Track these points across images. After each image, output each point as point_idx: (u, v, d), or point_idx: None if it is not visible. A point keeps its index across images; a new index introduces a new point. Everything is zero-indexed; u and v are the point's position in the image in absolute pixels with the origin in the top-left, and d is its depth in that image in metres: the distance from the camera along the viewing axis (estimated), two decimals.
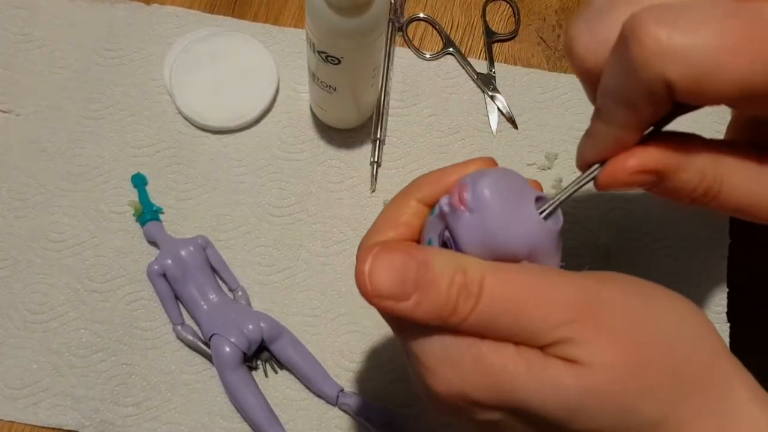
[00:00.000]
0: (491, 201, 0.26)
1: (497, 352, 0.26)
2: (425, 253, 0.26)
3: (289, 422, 0.45)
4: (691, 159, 0.28)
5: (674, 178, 0.28)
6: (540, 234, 0.27)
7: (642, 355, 0.25)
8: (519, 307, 0.25)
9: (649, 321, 0.26)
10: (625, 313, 0.26)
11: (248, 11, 0.55)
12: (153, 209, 0.49)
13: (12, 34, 0.53)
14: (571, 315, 0.25)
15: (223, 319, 0.45)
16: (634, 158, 0.28)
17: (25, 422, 0.45)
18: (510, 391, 0.25)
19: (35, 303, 0.47)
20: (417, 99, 0.53)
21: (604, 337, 0.25)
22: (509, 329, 0.25)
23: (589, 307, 0.26)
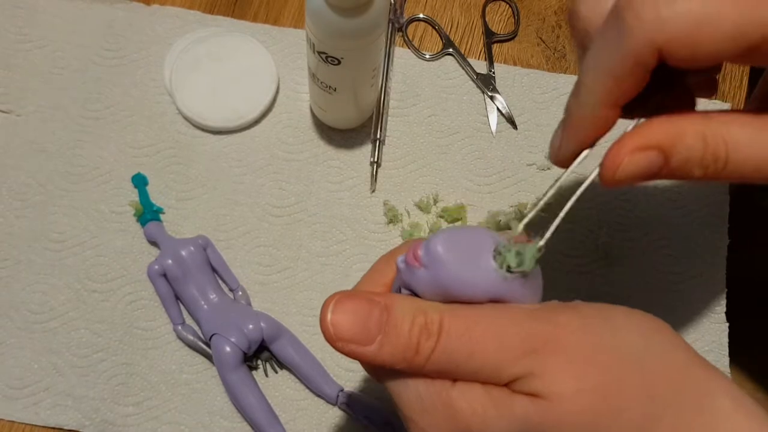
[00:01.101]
0: (443, 256, 0.26)
1: (465, 396, 0.26)
2: (386, 298, 0.27)
3: (290, 422, 0.45)
4: (688, 126, 0.27)
5: (677, 151, 0.27)
6: (499, 284, 0.27)
7: (608, 378, 0.25)
8: (477, 343, 0.25)
9: (611, 342, 0.26)
10: (584, 339, 0.26)
11: (248, 12, 0.55)
12: (153, 209, 0.49)
13: (12, 34, 0.53)
14: (529, 347, 0.25)
15: (224, 318, 0.45)
16: (632, 138, 0.28)
17: (26, 422, 0.45)
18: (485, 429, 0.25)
19: (36, 303, 0.47)
20: (417, 99, 0.54)
21: (565, 366, 0.25)
22: (472, 367, 0.25)
23: (547, 336, 0.25)
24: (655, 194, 0.52)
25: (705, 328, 0.49)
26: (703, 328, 0.49)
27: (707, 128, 0.27)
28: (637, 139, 0.28)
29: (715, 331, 0.49)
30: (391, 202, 0.50)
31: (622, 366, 0.25)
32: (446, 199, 0.51)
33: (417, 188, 0.51)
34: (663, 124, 0.28)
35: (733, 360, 0.48)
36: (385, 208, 0.50)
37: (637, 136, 0.28)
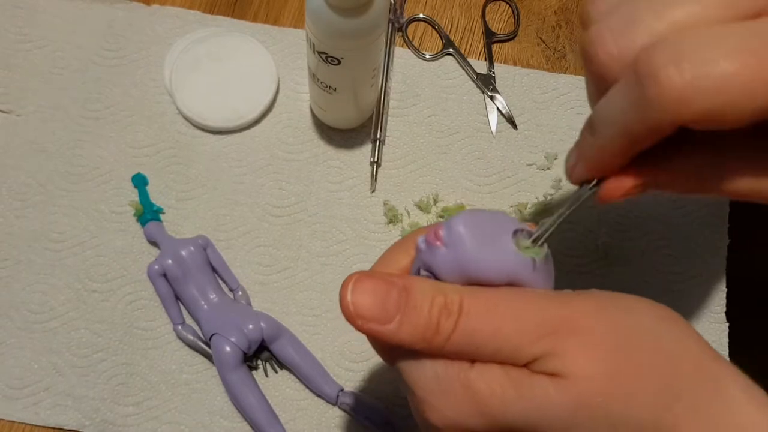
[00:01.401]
0: (464, 235, 0.27)
1: (484, 377, 0.26)
2: (405, 279, 0.27)
3: (290, 422, 0.45)
4: (687, 160, 0.27)
5: (670, 187, 0.28)
6: (518, 265, 0.27)
7: (624, 361, 0.25)
8: (498, 323, 0.26)
9: (628, 327, 0.26)
10: (602, 322, 0.26)
11: (248, 12, 0.55)
12: (153, 209, 0.49)
13: (12, 34, 0.53)
14: (549, 328, 0.25)
15: (224, 318, 0.45)
16: (629, 179, 0.28)
17: (26, 422, 0.45)
18: (502, 415, 0.25)
19: (36, 303, 0.47)
20: (417, 99, 0.54)
21: (583, 347, 0.25)
22: (492, 347, 0.26)
23: (565, 319, 0.26)
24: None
25: (705, 328, 0.49)
26: (703, 328, 0.49)
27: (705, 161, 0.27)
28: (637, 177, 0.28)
29: (715, 331, 0.49)
30: (391, 202, 0.50)
31: (639, 351, 0.26)
32: (446, 199, 0.51)
33: (417, 188, 0.51)
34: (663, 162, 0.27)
35: (733, 360, 0.48)
36: (385, 208, 0.50)
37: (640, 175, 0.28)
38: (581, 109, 0.53)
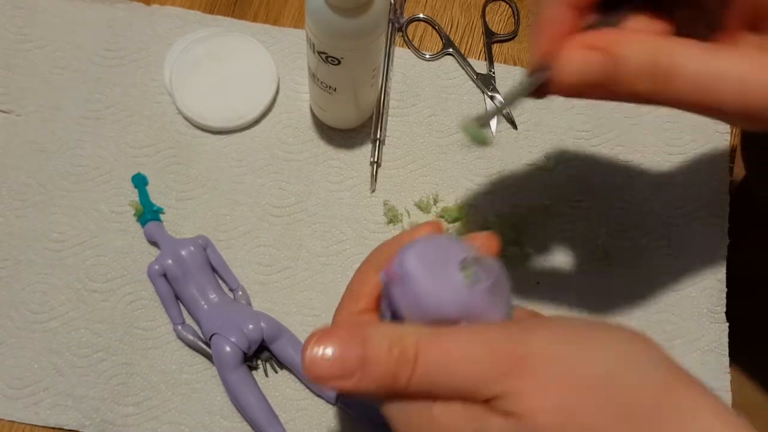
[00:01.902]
0: (414, 272, 0.28)
1: (445, 412, 0.27)
2: (365, 330, 0.28)
3: (290, 422, 0.45)
4: (639, 38, 0.29)
5: (625, 56, 0.29)
6: (469, 296, 0.28)
7: (580, 398, 0.25)
8: (453, 366, 0.26)
9: (586, 362, 0.26)
10: (558, 358, 0.26)
11: (248, 12, 0.55)
12: (153, 209, 0.49)
13: (12, 34, 0.53)
14: (504, 368, 0.26)
15: (224, 318, 0.45)
16: (582, 37, 0.29)
17: (26, 422, 0.45)
18: None
19: (36, 303, 0.47)
20: (417, 99, 0.54)
21: (538, 386, 0.25)
22: (450, 388, 0.26)
23: (520, 358, 0.26)
24: (655, 194, 0.52)
25: (705, 328, 0.49)
26: (703, 328, 0.49)
27: (660, 46, 0.28)
28: (589, 38, 0.29)
29: (715, 331, 0.49)
30: (391, 202, 0.50)
31: (596, 387, 0.25)
32: (446, 199, 0.51)
33: (417, 188, 0.51)
34: (615, 33, 0.29)
35: (733, 360, 0.48)
36: (385, 208, 0.50)
37: (586, 37, 0.29)
38: (581, 109, 0.54)
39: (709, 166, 0.52)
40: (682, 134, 0.53)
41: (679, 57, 0.28)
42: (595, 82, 0.29)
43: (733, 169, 0.53)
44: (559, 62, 0.30)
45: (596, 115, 0.53)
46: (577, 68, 0.29)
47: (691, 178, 0.52)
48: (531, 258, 0.50)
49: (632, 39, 0.29)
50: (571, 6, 0.30)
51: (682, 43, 0.29)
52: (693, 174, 0.52)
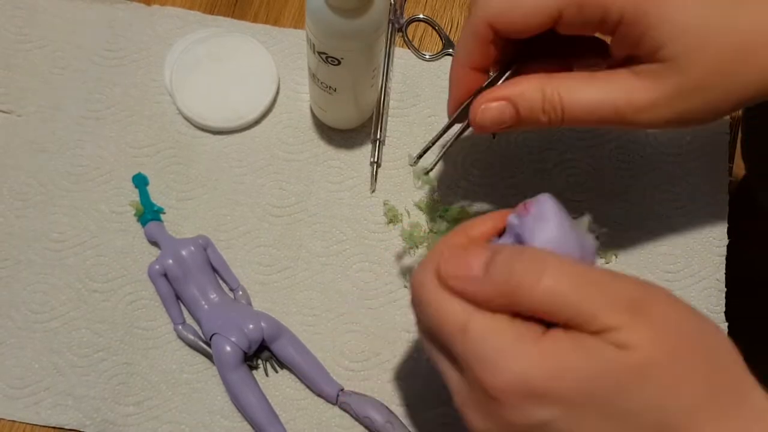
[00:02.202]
0: (552, 210, 0.31)
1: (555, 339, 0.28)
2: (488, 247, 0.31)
3: (290, 421, 0.45)
4: (530, 82, 0.36)
5: (521, 101, 0.36)
6: (587, 244, 0.32)
7: (684, 348, 0.28)
8: (584, 291, 0.28)
9: (690, 321, 0.29)
10: (673, 312, 0.29)
11: (248, 12, 0.55)
12: (154, 209, 0.49)
13: (12, 34, 0.53)
14: (626, 304, 0.28)
15: (224, 318, 0.45)
16: (487, 93, 0.37)
17: (27, 421, 0.45)
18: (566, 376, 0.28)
19: (36, 303, 0.47)
20: (417, 99, 0.54)
21: (652, 327, 0.28)
22: (572, 311, 0.28)
23: (643, 300, 0.28)
24: (655, 194, 0.52)
25: None
26: None
27: (546, 83, 0.36)
28: (490, 93, 0.37)
29: None
30: (391, 202, 0.50)
31: (696, 344, 0.29)
32: (446, 199, 0.51)
33: (417, 188, 0.51)
34: (512, 83, 0.37)
35: None
36: (385, 208, 0.50)
37: (490, 92, 0.37)
38: None
39: (709, 166, 0.52)
40: (681, 134, 0.53)
41: (562, 88, 0.36)
42: (506, 123, 0.37)
43: (733, 169, 0.53)
44: (473, 115, 0.38)
45: None
46: (489, 117, 0.37)
47: (691, 178, 0.52)
48: None
49: (523, 80, 0.37)
50: (472, 69, 0.38)
51: (565, 76, 0.36)
52: (693, 174, 0.52)
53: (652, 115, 0.35)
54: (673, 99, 0.35)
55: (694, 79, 0.34)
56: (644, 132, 0.53)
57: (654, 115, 0.35)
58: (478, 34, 0.37)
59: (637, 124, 0.36)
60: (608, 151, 0.53)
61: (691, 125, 0.37)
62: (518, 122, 0.37)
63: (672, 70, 0.34)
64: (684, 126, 0.37)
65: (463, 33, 0.38)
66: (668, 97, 0.35)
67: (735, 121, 0.54)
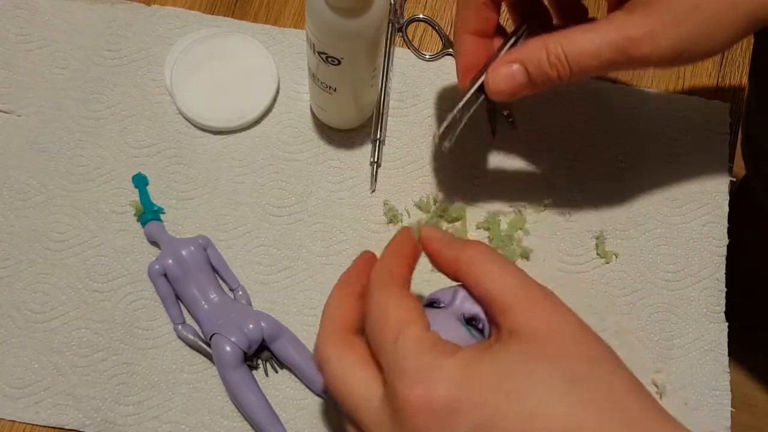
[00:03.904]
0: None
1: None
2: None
3: (290, 421, 0.45)
4: (534, 42, 0.38)
5: (530, 60, 0.38)
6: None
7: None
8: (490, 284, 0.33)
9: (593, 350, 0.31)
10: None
11: (248, 12, 0.55)
12: (154, 209, 0.49)
13: (12, 34, 0.53)
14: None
15: (224, 318, 0.45)
16: (498, 59, 0.40)
17: (27, 421, 0.45)
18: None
19: (36, 302, 0.47)
20: (417, 99, 0.54)
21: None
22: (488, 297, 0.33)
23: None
24: (654, 194, 0.52)
25: (705, 327, 0.49)
26: (702, 328, 0.49)
27: (547, 39, 0.38)
28: (502, 58, 0.40)
29: (714, 330, 0.49)
30: (391, 202, 0.50)
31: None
32: (446, 199, 0.51)
33: (417, 188, 0.51)
34: (519, 47, 0.40)
35: (733, 360, 0.48)
36: (385, 208, 0.50)
37: (502, 57, 0.40)
38: (582, 109, 0.54)
39: (709, 166, 0.52)
40: (681, 134, 0.53)
41: (564, 40, 0.37)
42: (519, 83, 0.39)
43: (733, 169, 0.53)
44: (488, 81, 0.40)
45: (596, 115, 0.53)
46: (503, 80, 0.39)
47: (691, 178, 0.52)
48: (531, 258, 0.50)
49: (528, 42, 0.39)
50: (477, 35, 0.41)
51: (566, 31, 0.38)
52: (693, 174, 0.52)
53: (651, 46, 0.36)
54: (666, 26, 0.36)
55: (682, 2, 0.36)
56: (644, 132, 0.53)
57: (654, 46, 0.36)
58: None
59: (641, 61, 0.37)
60: (608, 151, 0.53)
61: (694, 59, 0.38)
62: (530, 82, 0.39)
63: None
64: (687, 60, 0.38)
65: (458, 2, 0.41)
66: (662, 25, 0.36)
67: (735, 121, 0.54)
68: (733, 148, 0.53)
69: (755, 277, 0.53)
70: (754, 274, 0.53)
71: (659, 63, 0.37)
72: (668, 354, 0.48)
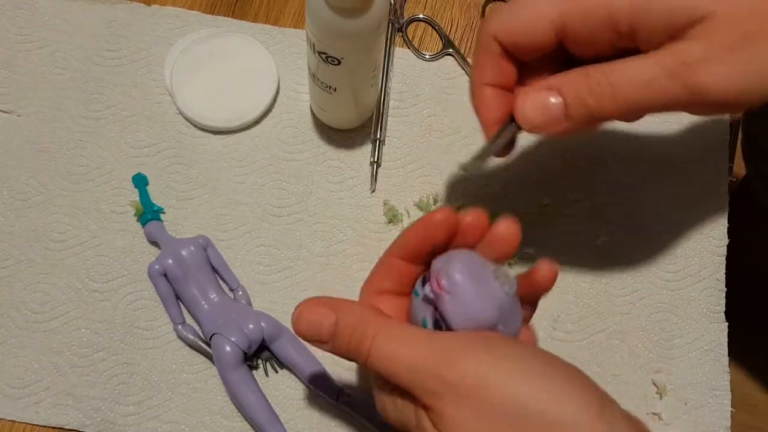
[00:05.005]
0: (463, 284, 0.31)
1: (392, 403, 0.32)
2: (338, 310, 0.33)
3: (290, 421, 0.45)
4: (574, 71, 0.35)
5: (567, 87, 0.34)
6: (505, 302, 0.32)
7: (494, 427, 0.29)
8: (395, 369, 0.31)
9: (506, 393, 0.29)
10: (481, 387, 0.29)
11: (248, 12, 0.55)
12: (154, 209, 0.49)
13: (12, 34, 0.53)
14: (433, 387, 0.29)
15: (224, 318, 0.45)
16: (531, 86, 0.36)
17: (27, 421, 0.45)
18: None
19: (36, 302, 0.47)
20: (417, 99, 0.54)
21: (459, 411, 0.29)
22: (396, 383, 0.31)
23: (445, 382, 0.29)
24: (655, 194, 0.52)
25: (704, 327, 0.49)
26: (702, 328, 0.49)
27: (589, 67, 0.34)
28: (535, 85, 0.36)
29: (714, 330, 0.49)
30: (391, 202, 0.50)
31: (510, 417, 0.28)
32: (446, 199, 0.51)
33: (417, 188, 0.51)
34: (556, 76, 0.35)
35: (733, 360, 0.48)
36: (385, 208, 0.50)
37: (532, 86, 0.36)
38: None
39: (709, 166, 0.52)
40: (682, 134, 0.53)
41: (607, 68, 0.33)
42: (555, 116, 0.35)
43: (733, 169, 0.53)
44: (519, 111, 0.36)
45: None
46: (535, 108, 0.35)
47: (691, 177, 0.52)
48: (530, 258, 0.50)
49: (569, 73, 0.35)
50: (490, 86, 0.38)
51: (608, 63, 0.34)
52: (693, 174, 0.52)
53: (709, 74, 0.32)
54: (724, 51, 0.32)
55: (738, 26, 0.32)
56: (644, 132, 0.53)
57: (712, 74, 0.32)
58: (486, 48, 0.37)
59: (699, 92, 0.32)
60: (608, 150, 0.53)
61: (760, 92, 0.33)
62: (568, 115, 0.35)
63: (713, 24, 0.32)
64: (754, 95, 0.33)
65: (475, 50, 0.38)
66: (720, 49, 0.32)
67: (735, 121, 0.54)
68: (733, 148, 0.53)
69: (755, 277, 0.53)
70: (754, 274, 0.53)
71: (720, 95, 0.33)
72: (668, 354, 0.48)
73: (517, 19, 0.35)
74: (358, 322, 0.32)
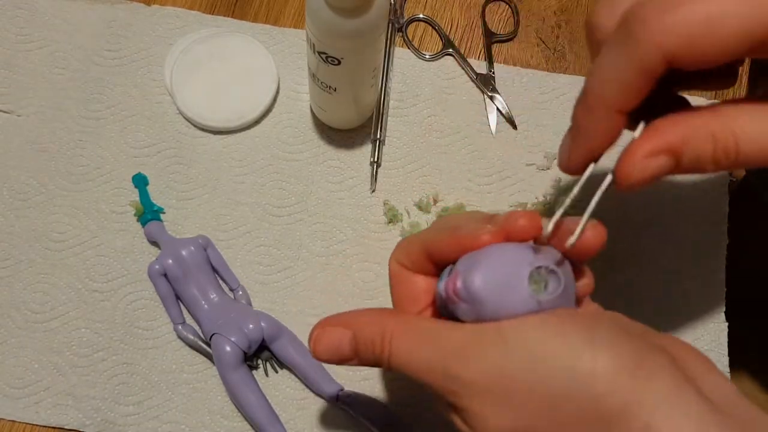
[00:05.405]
0: (481, 294, 0.28)
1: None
2: (352, 324, 0.32)
3: (290, 421, 0.45)
4: (696, 126, 0.28)
5: (687, 151, 0.28)
6: (538, 307, 0.28)
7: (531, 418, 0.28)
8: (415, 370, 0.30)
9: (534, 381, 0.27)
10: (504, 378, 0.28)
11: (248, 12, 0.55)
12: (154, 209, 0.49)
13: (12, 34, 0.53)
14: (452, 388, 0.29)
15: (224, 318, 0.45)
16: (642, 144, 0.28)
17: (27, 421, 0.45)
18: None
19: (36, 302, 0.47)
20: (417, 99, 0.54)
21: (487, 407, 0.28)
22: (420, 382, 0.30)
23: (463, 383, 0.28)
24: (654, 194, 0.52)
25: (705, 327, 0.49)
26: (702, 328, 0.49)
27: (716, 124, 0.27)
28: (647, 144, 0.28)
29: (714, 330, 0.49)
30: (391, 202, 0.50)
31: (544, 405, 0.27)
32: (446, 199, 0.51)
33: (417, 188, 0.51)
34: (671, 127, 0.28)
35: (733, 360, 0.48)
36: (385, 208, 0.50)
37: (647, 142, 0.28)
38: None
39: None
40: None
41: (737, 125, 0.27)
42: (660, 177, 0.29)
43: None
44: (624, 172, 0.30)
45: None
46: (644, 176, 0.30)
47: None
48: None
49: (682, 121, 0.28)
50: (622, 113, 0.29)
51: (736, 108, 0.28)
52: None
53: None
54: None
55: None
56: None
57: None
58: (646, 66, 0.26)
59: None
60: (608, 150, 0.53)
61: None
62: (673, 170, 0.29)
63: None
64: None
65: (611, 65, 0.27)
66: None
67: None
68: None
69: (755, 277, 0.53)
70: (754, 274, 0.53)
71: None
72: None
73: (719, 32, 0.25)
74: (375, 331, 0.31)
